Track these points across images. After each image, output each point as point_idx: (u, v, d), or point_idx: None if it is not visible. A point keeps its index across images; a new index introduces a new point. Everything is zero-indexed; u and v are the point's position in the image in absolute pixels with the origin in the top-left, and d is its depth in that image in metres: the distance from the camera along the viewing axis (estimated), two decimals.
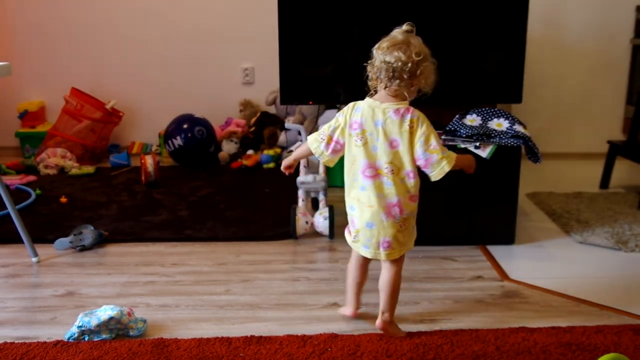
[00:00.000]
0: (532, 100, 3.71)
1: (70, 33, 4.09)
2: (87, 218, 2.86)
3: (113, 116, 4.01)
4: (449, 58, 2.51)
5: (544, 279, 2.23)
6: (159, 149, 4.10)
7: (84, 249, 2.50)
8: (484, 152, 2.37)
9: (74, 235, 2.50)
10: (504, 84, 2.65)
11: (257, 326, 1.89)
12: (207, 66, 4.16)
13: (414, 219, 1.77)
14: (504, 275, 2.26)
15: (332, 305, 2.03)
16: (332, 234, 2.60)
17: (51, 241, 2.52)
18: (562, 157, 3.97)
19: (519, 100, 2.63)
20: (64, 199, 3.12)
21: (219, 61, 4.15)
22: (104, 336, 1.79)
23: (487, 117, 2.51)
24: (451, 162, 1.70)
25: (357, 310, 1.92)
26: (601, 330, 1.84)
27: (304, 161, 2.71)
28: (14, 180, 3.45)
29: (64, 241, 2.49)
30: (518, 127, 2.45)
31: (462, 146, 2.39)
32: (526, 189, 3.22)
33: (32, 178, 3.54)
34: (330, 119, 1.82)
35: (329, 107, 3.52)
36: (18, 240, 2.41)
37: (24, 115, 4.04)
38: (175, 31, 4.10)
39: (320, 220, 2.60)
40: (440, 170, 1.70)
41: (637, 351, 1.73)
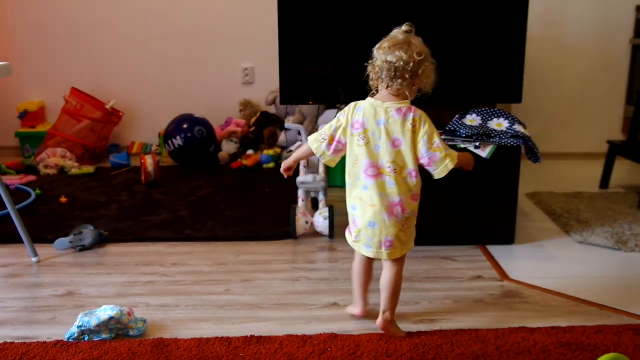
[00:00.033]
0: (532, 100, 3.70)
1: (70, 33, 4.09)
2: (87, 218, 2.86)
3: (113, 116, 4.01)
4: (449, 58, 2.51)
5: (544, 279, 2.23)
6: (159, 149, 4.10)
7: (84, 249, 2.50)
8: (484, 152, 2.37)
9: (74, 235, 2.50)
10: (504, 84, 2.65)
11: (257, 326, 1.89)
12: (207, 66, 4.16)
13: (415, 218, 1.78)
14: (504, 275, 2.26)
15: (332, 305, 2.03)
16: (332, 234, 2.60)
17: (51, 241, 2.52)
18: (562, 157, 3.97)
19: (519, 100, 2.63)
20: (64, 199, 3.12)
21: (219, 61, 4.15)
22: (104, 336, 1.79)
23: (487, 117, 2.51)
24: (454, 159, 1.72)
25: (366, 309, 1.91)
26: (601, 330, 1.84)
27: (304, 161, 2.71)
28: (14, 180, 3.45)
29: (64, 241, 2.49)
30: (518, 127, 2.44)
31: (462, 146, 2.39)
32: (526, 189, 3.22)
33: (32, 178, 3.54)
34: (330, 119, 1.82)
35: (329, 107, 3.52)
36: (18, 240, 2.41)
37: (24, 115, 4.04)
38: (175, 31, 4.11)
39: (320, 220, 2.60)
40: (444, 168, 1.71)
41: (637, 351, 1.73)
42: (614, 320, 1.92)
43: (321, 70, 2.65)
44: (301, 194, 2.70)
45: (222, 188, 3.37)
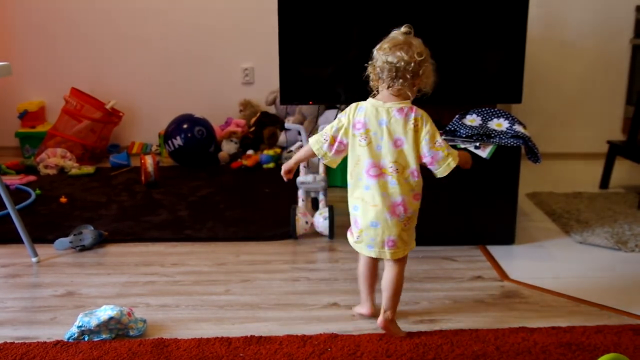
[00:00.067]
0: (532, 100, 3.70)
1: (70, 33, 4.09)
2: (87, 218, 2.86)
3: (113, 116, 4.01)
4: (449, 58, 2.52)
5: (544, 279, 2.23)
6: (159, 149, 4.10)
7: (84, 249, 2.50)
8: (484, 152, 2.37)
9: (74, 235, 2.50)
10: (503, 84, 2.65)
11: (257, 326, 1.89)
12: (207, 66, 4.16)
13: (416, 218, 1.78)
14: (503, 275, 2.26)
15: (332, 305, 2.03)
16: (332, 234, 2.60)
17: (51, 241, 2.52)
18: (562, 157, 3.97)
19: (518, 100, 2.63)
20: (63, 199, 3.12)
21: (219, 61, 4.15)
22: (103, 336, 1.79)
23: (487, 117, 2.51)
24: (455, 158, 1.74)
25: (373, 309, 1.91)
26: (601, 330, 1.84)
27: (303, 162, 2.71)
28: (14, 180, 3.45)
29: (64, 241, 2.49)
30: (518, 127, 2.44)
31: (462, 146, 2.39)
32: (526, 189, 3.22)
33: (32, 178, 3.54)
34: (330, 118, 1.83)
35: (329, 107, 3.51)
36: (18, 240, 2.41)
37: (24, 115, 4.04)
38: (175, 31, 4.11)
39: (320, 220, 2.60)
40: (446, 166, 1.73)
41: (637, 351, 1.73)
42: (614, 320, 1.92)
43: (321, 71, 2.65)
44: (301, 194, 2.69)
45: (222, 188, 3.37)
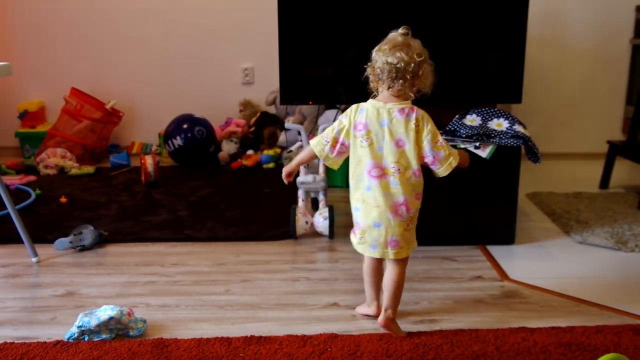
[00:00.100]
0: (532, 100, 3.71)
1: (70, 33, 4.09)
2: (87, 218, 2.86)
3: (113, 116, 4.01)
4: (449, 58, 2.52)
5: (544, 279, 2.22)
6: (159, 149, 4.10)
7: (84, 249, 2.50)
8: (484, 152, 2.37)
9: (74, 235, 2.50)
10: (503, 84, 2.65)
11: (257, 326, 1.89)
12: (207, 66, 4.16)
13: (416, 217, 1.79)
14: (503, 275, 2.26)
15: (332, 305, 2.03)
16: (332, 234, 2.60)
17: (51, 241, 2.52)
18: (562, 157, 3.97)
19: (518, 100, 2.63)
20: (63, 199, 3.12)
21: (219, 61, 4.15)
22: (104, 336, 1.79)
23: (487, 117, 2.51)
24: (456, 157, 1.76)
25: (380, 309, 1.90)
26: (601, 330, 1.84)
27: None
28: (14, 180, 3.45)
29: (64, 241, 2.49)
30: (518, 127, 2.44)
31: (462, 146, 2.39)
32: (526, 189, 3.22)
33: (32, 178, 3.54)
34: (330, 119, 1.83)
35: (329, 107, 3.51)
36: (18, 240, 2.41)
37: (24, 115, 4.04)
38: (175, 31, 4.11)
39: (320, 221, 2.60)
40: (448, 166, 1.75)
41: (637, 351, 1.73)
42: (613, 320, 1.92)
43: (321, 71, 2.65)
44: (301, 194, 2.70)
45: (222, 188, 3.37)
